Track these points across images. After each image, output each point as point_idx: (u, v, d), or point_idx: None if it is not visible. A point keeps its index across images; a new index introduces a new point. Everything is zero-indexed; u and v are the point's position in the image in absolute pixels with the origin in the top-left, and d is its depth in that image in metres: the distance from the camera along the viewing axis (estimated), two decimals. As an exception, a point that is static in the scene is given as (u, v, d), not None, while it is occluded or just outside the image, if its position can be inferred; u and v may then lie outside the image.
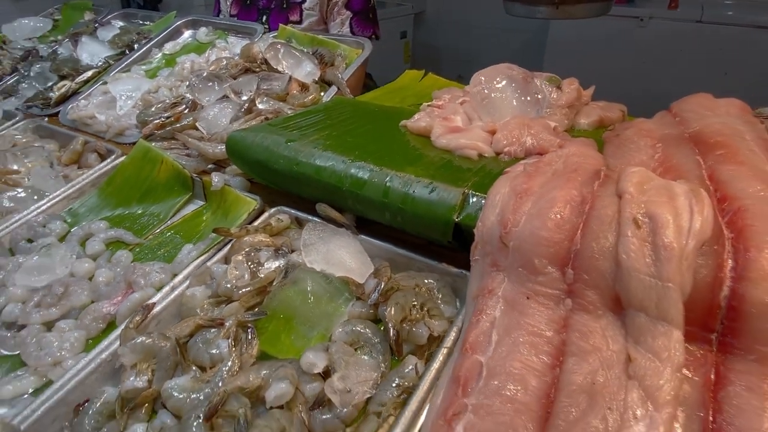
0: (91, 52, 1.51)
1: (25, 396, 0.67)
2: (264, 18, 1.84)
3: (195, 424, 0.57)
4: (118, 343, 0.68)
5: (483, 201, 0.68)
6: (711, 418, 0.48)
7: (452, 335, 0.64)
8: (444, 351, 0.63)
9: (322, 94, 1.18)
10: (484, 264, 0.65)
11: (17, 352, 0.73)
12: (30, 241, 0.93)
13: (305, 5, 1.78)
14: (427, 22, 5.45)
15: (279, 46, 1.20)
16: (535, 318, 0.57)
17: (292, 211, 0.87)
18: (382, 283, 0.72)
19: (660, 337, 0.50)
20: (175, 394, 0.62)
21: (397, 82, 1.28)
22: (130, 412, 0.62)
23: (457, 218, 0.69)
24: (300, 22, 1.81)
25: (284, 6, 1.81)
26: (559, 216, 0.59)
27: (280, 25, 1.45)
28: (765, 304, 0.49)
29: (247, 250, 0.80)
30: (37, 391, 0.67)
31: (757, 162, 0.67)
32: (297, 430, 0.57)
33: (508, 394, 0.51)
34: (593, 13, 2.45)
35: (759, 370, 0.49)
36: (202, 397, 0.61)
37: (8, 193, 1.02)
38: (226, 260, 0.80)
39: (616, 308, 0.54)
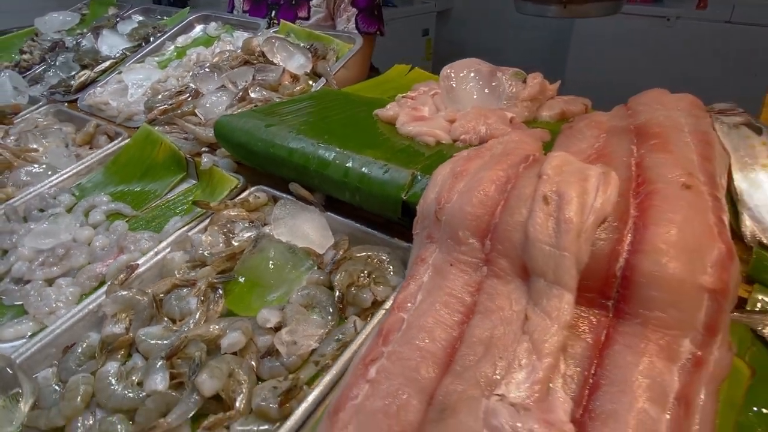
0: (111, 44, 1.64)
1: (24, 339, 0.77)
2: (273, 13, 1.93)
3: (158, 363, 0.66)
4: (104, 296, 0.78)
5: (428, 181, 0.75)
6: (593, 372, 0.54)
7: (392, 299, 0.72)
8: (382, 312, 0.70)
9: (312, 84, 1.26)
10: (422, 237, 0.72)
11: (21, 303, 0.84)
12: (41, 210, 1.04)
13: (313, 2, 1.87)
14: (453, 19, 5.46)
15: (274, 41, 1.29)
16: (454, 282, 0.64)
17: (270, 190, 0.95)
18: (339, 254, 0.80)
19: (553, 299, 0.56)
20: (147, 339, 0.71)
21: (385, 76, 1.35)
22: (109, 354, 0.71)
23: (404, 196, 0.77)
24: (308, 18, 1.89)
25: (293, 2, 1.90)
26: (483, 193, 0.66)
27: (282, 20, 1.55)
28: (651, 273, 0.55)
29: (223, 222, 0.89)
30: (34, 335, 0.77)
31: (686, 152, 0.72)
32: (245, 373, 0.65)
33: (418, 343, 0.58)
34: (603, 13, 2.46)
35: (640, 331, 0.55)
36: (168, 343, 0.70)
37: (26, 169, 1.14)
38: (206, 230, 0.89)
39: (523, 275, 0.61)
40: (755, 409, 0.54)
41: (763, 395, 0.55)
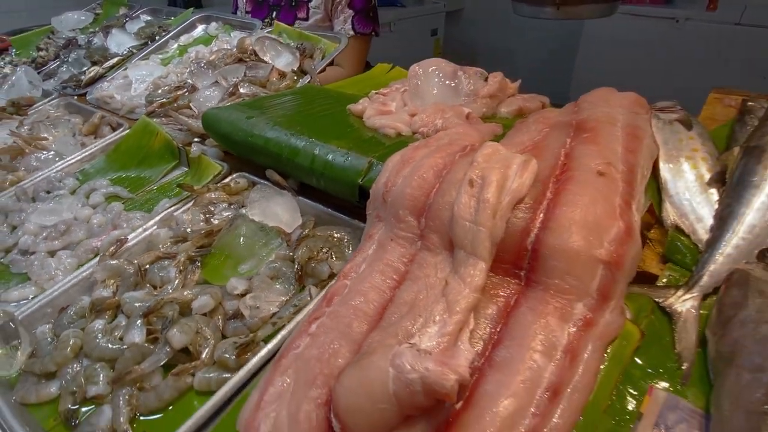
0: (119, 42, 1.76)
1: (26, 300, 0.88)
2: (274, 14, 2.03)
3: (138, 321, 0.76)
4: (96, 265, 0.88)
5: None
6: (498, 329, 0.63)
7: (344, 271, 0.81)
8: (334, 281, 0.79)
9: (299, 81, 1.36)
10: (372, 216, 0.80)
11: (26, 272, 0.94)
12: (48, 192, 1.16)
13: (311, 4, 1.97)
14: (465, 20, 5.51)
15: (265, 40, 1.39)
16: (391, 254, 0.72)
17: (249, 176, 1.05)
18: (303, 232, 0.90)
19: (469, 267, 0.64)
20: (130, 302, 0.81)
21: (368, 74, 1.44)
22: (97, 314, 0.81)
23: (361, 181, 0.86)
24: (307, 18, 1.99)
25: (293, 4, 2.00)
26: (421, 178, 0.74)
27: (276, 21, 1.64)
28: (554, 247, 0.63)
29: (205, 203, 0.99)
30: (35, 297, 0.88)
31: (613, 144, 0.80)
32: (211, 330, 0.75)
33: (354, 304, 0.67)
34: (596, 15, 2.53)
35: (542, 296, 0.63)
36: (147, 305, 0.80)
37: (36, 155, 1.25)
38: (188, 211, 1.00)
39: (450, 248, 0.69)
40: (640, 362, 0.62)
41: (652, 355, 0.63)
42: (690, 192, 0.78)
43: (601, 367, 0.59)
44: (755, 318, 0.57)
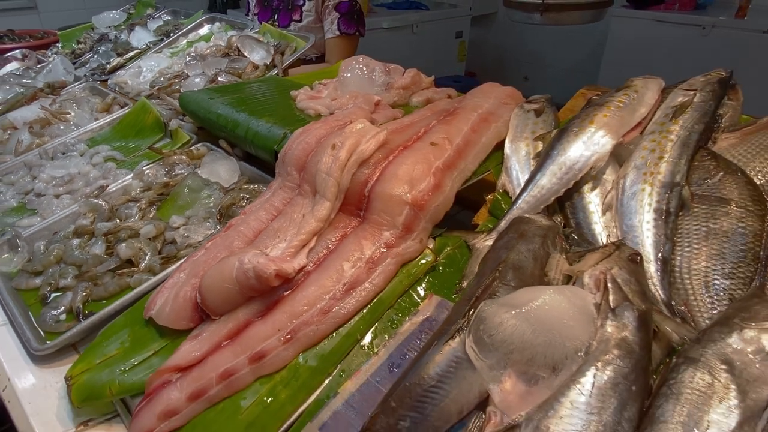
0: (140, 38, 2.09)
1: (32, 226, 1.19)
2: (276, 16, 2.32)
3: (100, 239, 1.05)
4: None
5: (292, 138, 1.09)
6: (332, 248, 0.86)
7: (255, 215, 1.06)
8: (245, 221, 1.05)
9: (270, 72, 1.63)
10: (276, 173, 1.06)
11: (35, 208, 1.26)
12: (63, 153, 1.48)
13: (304, 7, 2.24)
14: (495, 24, 5.64)
15: (245, 38, 1.67)
16: (277, 198, 0.98)
17: (209, 144, 1.32)
18: (233, 186, 1.16)
19: (318, 205, 0.89)
20: (100, 228, 1.10)
21: (329, 68, 1.69)
22: (77, 236, 1.11)
23: (276, 147, 1.11)
24: (300, 20, 2.27)
25: (289, 7, 2.28)
26: (306, 143, 0.99)
27: (263, 22, 1.92)
28: (379, 192, 0.86)
29: (171, 163, 1.27)
30: (38, 224, 1.18)
31: (462, 125, 1.02)
32: (150, 249, 1.02)
33: (240, 229, 0.93)
34: (582, 21, 2.68)
35: (366, 227, 0.86)
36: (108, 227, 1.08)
37: (59, 125, 1.58)
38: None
39: (315, 194, 0.93)
40: (433, 280, 0.84)
41: (445, 276, 0.85)
42: (519, 164, 0.99)
43: (397, 278, 0.82)
44: (501, 245, 0.78)
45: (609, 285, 0.63)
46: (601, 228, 0.84)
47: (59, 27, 2.73)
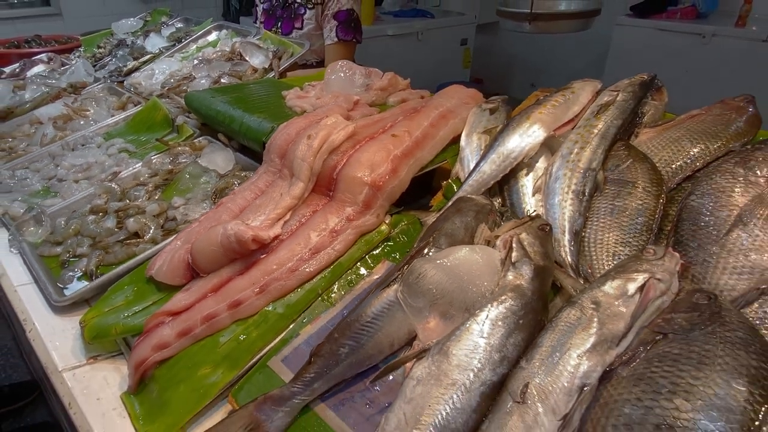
0: (154, 43, 2.28)
1: (54, 205, 1.36)
2: (279, 24, 2.50)
3: (113, 215, 1.22)
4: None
5: (278, 131, 1.25)
6: (304, 221, 1.02)
7: (245, 196, 1.23)
8: (235, 202, 1.21)
9: (268, 74, 1.80)
10: (263, 161, 1.22)
11: (57, 191, 1.44)
12: (83, 145, 1.66)
13: (305, 16, 2.42)
14: (503, 31, 5.77)
15: (247, 44, 1.85)
16: (261, 180, 1.14)
17: (209, 138, 1.50)
18: (228, 173, 1.33)
19: (294, 186, 1.05)
20: (112, 206, 1.27)
21: (321, 72, 1.85)
22: (93, 213, 1.28)
23: (264, 139, 1.27)
24: (302, 28, 2.44)
25: (292, 16, 2.46)
26: (287, 134, 1.15)
27: (264, 30, 2.10)
28: (344, 175, 1.02)
29: (175, 153, 1.44)
30: (59, 204, 1.36)
31: (422, 121, 1.18)
32: (154, 224, 1.19)
33: (228, 206, 1.09)
34: (570, 29, 2.82)
35: (332, 204, 1.02)
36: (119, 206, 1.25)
37: (79, 121, 1.77)
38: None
39: (292, 177, 1.09)
40: (387, 249, 0.99)
41: (396, 246, 1.00)
42: (471, 155, 1.14)
43: (355, 246, 0.98)
44: (441, 218, 0.93)
45: (513, 245, 0.78)
46: (530, 207, 0.98)
47: (82, 32, 2.95)
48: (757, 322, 0.71)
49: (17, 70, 2.30)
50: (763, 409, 0.54)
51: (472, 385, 0.64)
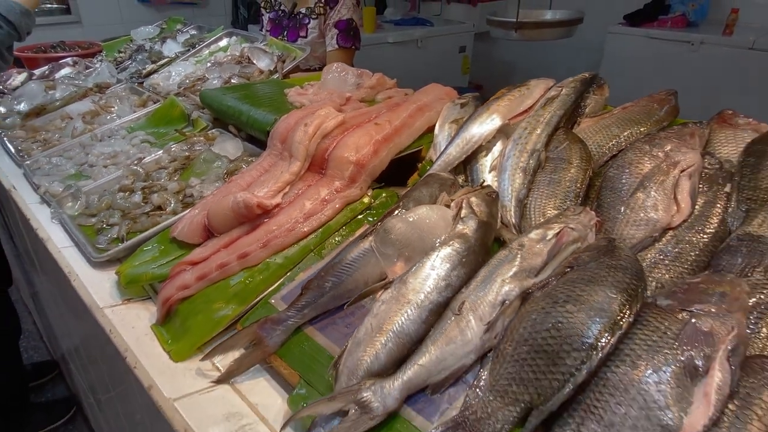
0: (170, 48, 2.51)
1: (87, 185, 1.58)
2: (285, 32, 2.73)
3: (138, 192, 1.44)
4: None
5: (280, 121, 1.47)
6: (300, 192, 1.23)
7: (251, 177, 1.44)
8: (243, 181, 1.43)
9: (273, 76, 2.02)
10: (268, 147, 1.43)
11: (89, 175, 1.66)
12: (109, 137, 1.88)
13: (309, 25, 2.65)
14: (501, 39, 6.00)
15: (254, 49, 2.07)
16: (265, 162, 1.35)
17: (221, 129, 1.71)
18: (237, 158, 1.54)
19: (293, 164, 1.26)
20: (138, 185, 1.49)
21: (318, 73, 2.07)
22: (121, 192, 1.50)
23: (268, 129, 1.49)
24: (306, 36, 2.67)
25: (297, 26, 2.69)
26: (287, 123, 1.37)
27: (270, 36, 2.32)
28: (334, 155, 1.23)
29: (191, 142, 1.66)
30: (92, 185, 1.58)
31: (402, 113, 1.39)
32: (174, 199, 1.41)
33: (237, 181, 1.30)
34: (554, 37, 3.03)
35: (323, 180, 1.23)
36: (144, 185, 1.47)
37: (106, 116, 2.00)
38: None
39: (291, 158, 1.31)
40: (370, 218, 1.20)
41: (376, 213, 1.20)
42: (443, 141, 1.34)
43: (342, 213, 1.19)
44: (411, 189, 1.13)
45: (463, 204, 0.99)
46: (488, 182, 1.19)
47: (101, 39, 3.20)
48: (654, 262, 0.91)
49: (46, 72, 2.54)
50: (628, 310, 0.74)
51: (422, 303, 0.85)
